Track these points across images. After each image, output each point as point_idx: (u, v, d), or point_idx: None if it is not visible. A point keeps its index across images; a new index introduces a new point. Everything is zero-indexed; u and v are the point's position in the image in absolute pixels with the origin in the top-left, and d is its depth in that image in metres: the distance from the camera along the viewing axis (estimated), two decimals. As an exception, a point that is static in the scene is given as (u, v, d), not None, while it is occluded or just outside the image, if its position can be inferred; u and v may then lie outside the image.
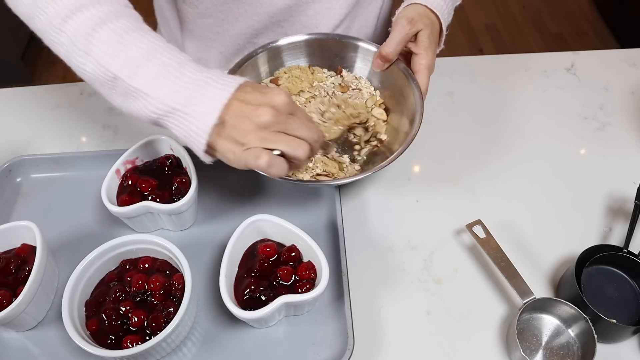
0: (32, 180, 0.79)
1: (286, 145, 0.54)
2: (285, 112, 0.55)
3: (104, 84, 0.57)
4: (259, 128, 0.53)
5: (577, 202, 0.77)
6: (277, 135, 0.54)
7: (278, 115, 0.54)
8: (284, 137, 0.54)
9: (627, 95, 0.92)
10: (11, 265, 0.63)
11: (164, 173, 0.72)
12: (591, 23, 2.51)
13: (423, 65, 0.72)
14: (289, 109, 0.55)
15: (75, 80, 0.95)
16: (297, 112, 0.56)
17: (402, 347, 0.64)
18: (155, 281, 0.61)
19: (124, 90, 0.56)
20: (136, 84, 0.54)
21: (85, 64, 0.57)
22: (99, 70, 0.56)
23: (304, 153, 0.55)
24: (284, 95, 0.55)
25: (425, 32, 0.71)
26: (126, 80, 0.55)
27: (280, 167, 0.54)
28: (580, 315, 0.61)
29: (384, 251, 0.72)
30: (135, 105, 0.56)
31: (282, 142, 0.54)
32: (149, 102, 0.55)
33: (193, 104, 0.54)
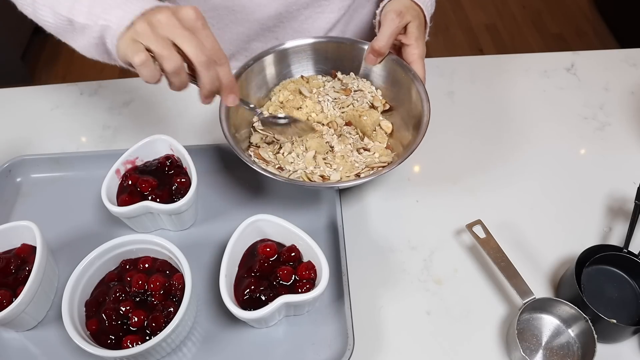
0: (32, 180, 0.79)
1: (158, 46, 0.54)
2: (184, 23, 0.55)
3: (66, 29, 0.62)
4: (149, 24, 0.54)
5: (577, 202, 0.77)
6: (159, 38, 0.54)
7: (173, 20, 0.54)
8: (163, 42, 0.54)
9: (627, 95, 0.92)
10: (11, 265, 0.63)
11: (164, 173, 0.72)
12: (591, 23, 2.51)
13: (417, 55, 0.73)
14: (191, 23, 0.55)
15: (75, 80, 0.95)
16: (202, 32, 0.56)
17: (402, 347, 0.64)
18: (155, 281, 0.61)
19: (79, 30, 0.61)
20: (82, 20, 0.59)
21: (46, 16, 0.63)
22: (57, 18, 0.62)
23: (171, 65, 0.55)
24: (193, 10, 0.55)
25: (414, 23, 0.72)
26: (75, 19, 0.60)
27: (151, 72, 0.55)
28: (580, 315, 0.61)
29: (384, 251, 0.72)
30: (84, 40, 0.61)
31: (157, 42, 0.54)
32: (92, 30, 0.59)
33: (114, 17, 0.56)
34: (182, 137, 0.75)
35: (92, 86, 0.94)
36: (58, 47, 2.42)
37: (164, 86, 0.60)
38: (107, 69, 2.35)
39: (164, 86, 0.60)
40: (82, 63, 2.37)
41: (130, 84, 0.93)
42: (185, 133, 0.85)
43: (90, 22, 0.59)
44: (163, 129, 0.86)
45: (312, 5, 0.85)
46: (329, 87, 0.80)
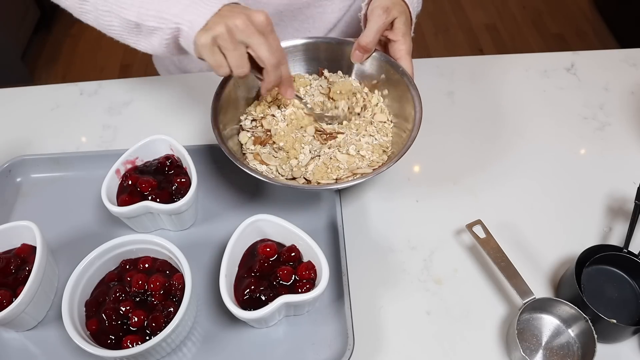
0: (32, 180, 0.79)
1: (233, 57, 0.61)
2: (257, 27, 0.61)
3: (131, 32, 0.67)
4: (227, 28, 0.60)
5: (577, 202, 0.77)
6: (235, 44, 0.60)
7: (249, 25, 0.60)
8: (237, 50, 0.61)
9: (627, 95, 0.92)
10: (11, 265, 0.63)
11: (164, 173, 0.72)
12: (591, 23, 2.51)
13: (404, 51, 0.73)
14: (263, 27, 0.61)
15: (75, 80, 0.95)
16: (270, 35, 0.62)
17: (402, 347, 0.64)
18: (155, 281, 0.61)
19: (147, 32, 0.65)
20: (152, 24, 0.64)
21: (112, 21, 0.66)
22: (123, 22, 0.65)
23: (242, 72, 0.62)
24: (264, 15, 0.61)
25: (401, 19, 0.72)
26: (144, 23, 0.64)
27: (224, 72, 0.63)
28: (580, 315, 0.61)
29: (384, 251, 0.72)
30: (157, 41, 0.65)
31: (233, 51, 0.61)
32: (164, 33, 0.64)
33: (186, 20, 0.62)
34: (182, 137, 0.75)
35: (92, 86, 0.94)
36: (58, 47, 2.42)
37: (164, 86, 0.61)
38: (107, 69, 2.35)
39: (164, 86, 0.61)
40: (82, 63, 2.38)
41: (130, 84, 0.93)
42: (185, 133, 0.85)
43: (162, 25, 0.63)
44: (163, 129, 0.86)
45: (313, 5, 0.85)
46: (316, 85, 0.79)
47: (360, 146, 0.73)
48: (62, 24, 2.50)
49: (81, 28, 2.47)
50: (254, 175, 0.66)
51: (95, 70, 2.35)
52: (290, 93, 0.70)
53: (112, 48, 2.42)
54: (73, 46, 2.44)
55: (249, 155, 0.73)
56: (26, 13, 2.17)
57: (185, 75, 0.96)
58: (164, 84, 0.94)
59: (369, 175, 0.66)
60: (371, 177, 0.67)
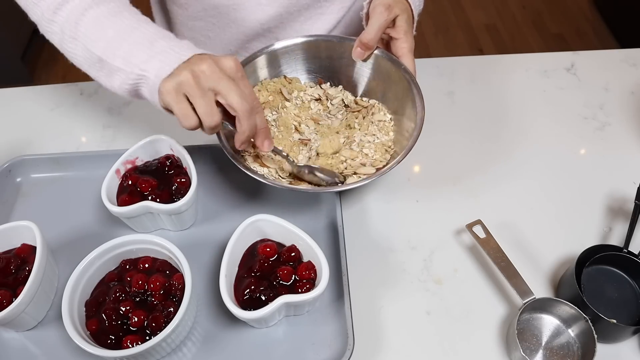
0: (32, 180, 0.79)
1: (202, 104, 0.57)
2: (226, 73, 0.57)
3: (92, 66, 0.63)
4: (193, 75, 0.56)
5: (577, 202, 0.77)
6: (203, 91, 0.56)
7: (216, 71, 0.57)
8: (206, 97, 0.57)
9: (627, 95, 0.92)
10: (11, 265, 0.63)
11: (164, 173, 0.72)
12: (591, 23, 2.51)
13: (406, 49, 0.73)
14: (232, 73, 0.58)
15: (75, 80, 0.95)
16: (242, 81, 0.59)
17: (402, 347, 0.64)
18: (155, 281, 0.61)
19: (109, 70, 0.61)
20: (117, 64, 0.60)
21: (75, 49, 0.63)
22: (86, 54, 0.62)
23: (212, 122, 0.58)
24: (233, 61, 0.58)
25: (403, 16, 0.72)
26: (109, 61, 0.60)
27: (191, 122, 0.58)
28: (580, 315, 0.61)
29: (384, 251, 0.72)
30: (117, 81, 0.62)
31: (201, 99, 0.57)
32: (127, 76, 0.60)
33: (153, 69, 0.58)
34: (182, 137, 0.75)
35: (92, 86, 0.94)
36: (58, 47, 2.42)
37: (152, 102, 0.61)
38: (107, 69, 2.35)
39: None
40: (82, 63, 2.37)
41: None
42: (185, 133, 0.84)
43: (127, 69, 0.60)
44: (163, 129, 0.86)
45: (312, 7, 0.85)
46: (311, 92, 0.79)
47: (362, 144, 0.73)
48: (62, 24, 2.50)
49: (81, 28, 2.47)
50: (256, 178, 0.66)
51: (95, 70, 2.35)
52: (268, 145, 0.65)
53: (112, 48, 2.41)
54: (73, 46, 2.44)
55: (248, 157, 0.72)
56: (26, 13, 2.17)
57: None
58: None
59: (372, 177, 0.66)
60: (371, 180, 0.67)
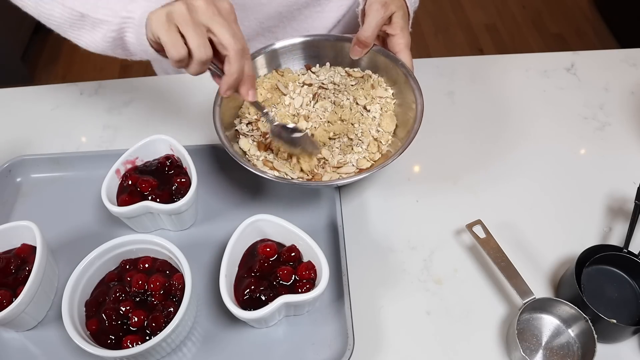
0: (32, 180, 0.79)
1: (194, 36, 0.55)
2: (220, 12, 0.56)
3: (73, 25, 0.62)
4: (188, 8, 0.55)
5: (577, 202, 0.77)
6: (195, 24, 0.55)
7: (210, 7, 0.55)
8: (198, 30, 0.55)
9: (627, 95, 0.92)
10: (11, 265, 0.63)
11: (164, 173, 0.72)
12: (591, 23, 2.51)
13: (403, 45, 0.73)
14: (226, 14, 0.57)
15: (75, 80, 0.95)
16: (233, 23, 0.57)
17: (402, 347, 0.64)
18: (155, 281, 0.61)
19: (92, 25, 0.61)
20: (100, 16, 0.59)
21: (53, 9, 0.61)
22: (65, 12, 0.61)
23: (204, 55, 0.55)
24: (229, 4, 0.57)
25: (399, 13, 0.72)
26: (91, 15, 0.60)
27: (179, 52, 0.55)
28: (580, 315, 0.61)
29: (384, 251, 0.72)
30: (99, 34, 0.61)
31: (193, 31, 0.55)
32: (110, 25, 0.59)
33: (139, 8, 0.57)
34: (182, 137, 0.75)
35: (92, 86, 0.94)
36: (58, 47, 2.42)
37: (164, 86, 0.60)
38: (107, 69, 2.35)
39: (164, 86, 0.60)
40: (82, 63, 2.37)
41: (130, 84, 0.93)
42: (185, 133, 0.85)
43: (110, 18, 0.59)
44: (163, 129, 0.86)
45: (311, 5, 0.85)
46: (303, 79, 0.79)
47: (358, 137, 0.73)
48: (62, 24, 2.50)
49: (81, 28, 2.47)
50: (255, 172, 0.65)
51: (95, 70, 2.35)
52: (252, 95, 0.62)
53: (112, 48, 2.42)
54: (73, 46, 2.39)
55: (258, 162, 0.72)
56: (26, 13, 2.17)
57: (185, 76, 0.96)
58: (163, 84, 0.94)
59: (371, 171, 0.66)
60: (371, 175, 0.67)
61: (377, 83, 0.77)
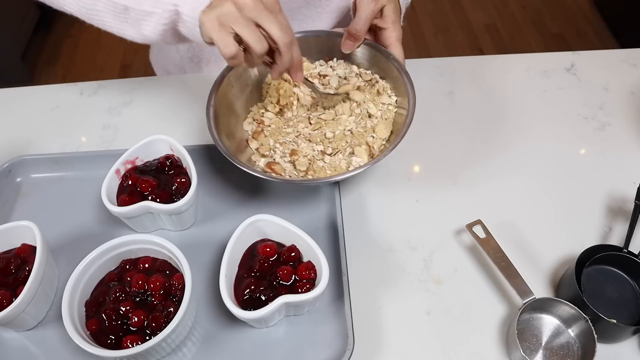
0: (32, 180, 0.79)
1: (248, 32, 0.57)
2: (266, 5, 0.58)
3: (117, 17, 0.62)
4: (236, 8, 0.57)
5: (577, 202, 0.77)
6: (247, 21, 0.57)
7: (257, 3, 0.57)
8: (251, 25, 0.57)
9: (627, 95, 0.92)
10: (11, 265, 0.63)
11: (164, 173, 0.72)
12: (591, 23, 2.51)
13: (394, 38, 0.74)
14: (272, 6, 0.59)
15: (75, 80, 0.95)
16: (280, 14, 0.60)
17: (402, 347, 0.64)
18: (155, 281, 0.61)
19: (136, 17, 0.61)
20: (146, 8, 0.60)
21: (96, 4, 0.62)
22: (109, 5, 0.62)
23: (261, 48, 0.58)
24: None
25: (390, 6, 0.72)
26: (136, 7, 0.60)
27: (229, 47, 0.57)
28: (580, 315, 0.61)
29: (384, 251, 0.72)
30: (149, 27, 0.62)
31: (246, 28, 0.57)
32: (159, 18, 0.60)
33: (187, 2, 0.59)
34: (182, 137, 0.75)
35: (92, 86, 0.94)
36: (58, 47, 2.42)
37: (164, 86, 0.61)
38: (107, 69, 2.35)
39: (164, 86, 0.61)
40: (82, 63, 2.38)
41: (130, 84, 0.93)
42: (185, 133, 0.85)
43: (157, 10, 0.59)
44: (163, 129, 0.86)
45: (312, 4, 0.85)
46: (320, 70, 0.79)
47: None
48: (62, 24, 2.50)
49: (81, 28, 2.47)
50: (251, 173, 0.66)
51: (95, 70, 2.35)
52: (300, 76, 0.68)
53: (112, 48, 2.42)
54: (73, 46, 2.44)
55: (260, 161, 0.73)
56: (26, 13, 2.17)
57: (185, 75, 0.96)
58: (163, 84, 0.94)
59: (367, 165, 0.66)
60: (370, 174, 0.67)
61: (383, 89, 0.77)
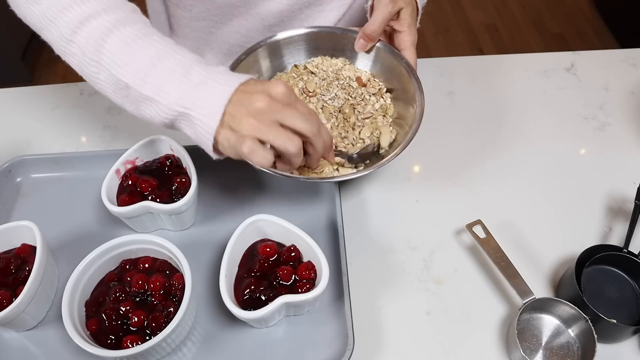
0: (32, 180, 0.79)
1: (275, 136, 0.54)
2: (282, 102, 0.55)
3: (117, 92, 0.59)
4: (252, 115, 0.53)
5: (577, 202, 0.77)
6: (269, 126, 0.54)
7: (272, 103, 0.54)
8: (275, 128, 0.54)
9: (627, 95, 0.92)
10: (11, 265, 0.63)
11: (164, 173, 0.72)
12: (591, 23, 2.51)
13: (409, 42, 0.73)
14: (287, 99, 0.55)
15: (75, 80, 0.95)
16: (297, 103, 0.56)
17: (402, 347, 0.64)
18: (155, 281, 0.61)
19: (136, 98, 0.58)
20: (147, 92, 0.56)
21: (99, 73, 0.59)
22: (111, 79, 0.58)
23: (294, 147, 0.54)
24: (283, 86, 0.55)
25: (407, 10, 0.72)
26: (137, 89, 0.56)
27: (263, 156, 0.54)
28: (580, 315, 0.61)
29: (384, 251, 0.72)
30: (148, 112, 0.58)
31: (272, 133, 0.54)
32: (160, 109, 0.57)
33: (199, 107, 0.55)
34: (182, 137, 0.75)
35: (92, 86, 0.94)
36: (58, 47, 2.42)
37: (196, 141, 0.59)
38: (107, 69, 2.35)
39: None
40: (82, 63, 2.37)
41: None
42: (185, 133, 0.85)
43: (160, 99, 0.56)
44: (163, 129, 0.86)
45: (313, 4, 0.85)
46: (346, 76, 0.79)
47: None
48: (62, 24, 2.50)
49: (81, 28, 2.47)
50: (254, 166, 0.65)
51: (95, 70, 2.35)
52: (332, 154, 0.65)
53: (112, 48, 2.41)
54: (73, 46, 2.44)
55: None
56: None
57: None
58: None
59: (369, 169, 0.66)
60: (370, 174, 0.67)
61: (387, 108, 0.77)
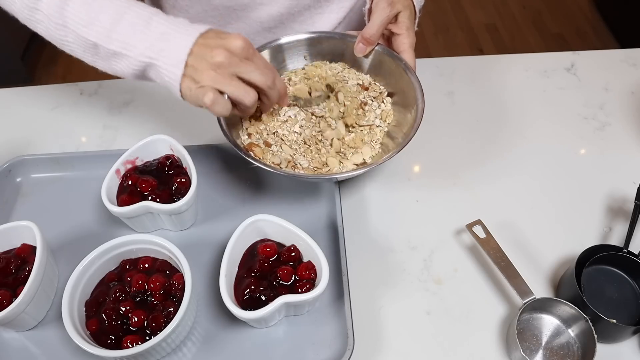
0: (32, 180, 0.79)
1: (233, 89, 0.58)
2: (240, 55, 0.58)
3: (87, 50, 0.62)
4: (212, 68, 0.57)
5: (577, 202, 0.77)
6: (227, 78, 0.58)
7: (231, 57, 0.58)
8: (233, 81, 0.58)
9: (627, 95, 0.92)
10: (11, 265, 0.63)
11: (164, 173, 0.72)
12: (591, 23, 2.51)
13: (407, 45, 0.73)
14: (245, 53, 0.59)
15: (75, 80, 0.95)
16: (255, 57, 0.60)
17: (402, 347, 0.64)
18: (155, 281, 0.61)
19: (106, 55, 0.61)
20: (114, 47, 0.60)
21: (66, 36, 0.61)
22: (79, 40, 0.61)
23: (250, 100, 0.59)
24: (241, 40, 0.58)
25: (405, 13, 0.72)
26: (105, 45, 0.60)
27: (223, 106, 0.58)
28: (580, 315, 0.61)
29: (384, 251, 0.72)
30: (119, 66, 0.62)
31: (230, 85, 0.58)
32: (129, 62, 0.60)
33: (163, 57, 0.58)
34: (182, 137, 0.75)
35: (92, 86, 0.94)
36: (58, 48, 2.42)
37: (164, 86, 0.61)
38: (107, 69, 2.35)
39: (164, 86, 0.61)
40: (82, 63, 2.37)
41: (130, 84, 0.93)
42: (185, 133, 0.85)
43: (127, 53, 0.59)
44: (163, 129, 0.86)
45: (312, 7, 0.85)
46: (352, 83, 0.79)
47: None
48: (62, 24, 2.50)
49: (81, 28, 2.47)
50: (256, 164, 0.65)
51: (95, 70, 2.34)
52: (286, 101, 0.71)
53: (112, 48, 2.42)
54: (73, 46, 2.44)
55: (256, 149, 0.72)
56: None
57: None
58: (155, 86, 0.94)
59: (371, 166, 0.66)
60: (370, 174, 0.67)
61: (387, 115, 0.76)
